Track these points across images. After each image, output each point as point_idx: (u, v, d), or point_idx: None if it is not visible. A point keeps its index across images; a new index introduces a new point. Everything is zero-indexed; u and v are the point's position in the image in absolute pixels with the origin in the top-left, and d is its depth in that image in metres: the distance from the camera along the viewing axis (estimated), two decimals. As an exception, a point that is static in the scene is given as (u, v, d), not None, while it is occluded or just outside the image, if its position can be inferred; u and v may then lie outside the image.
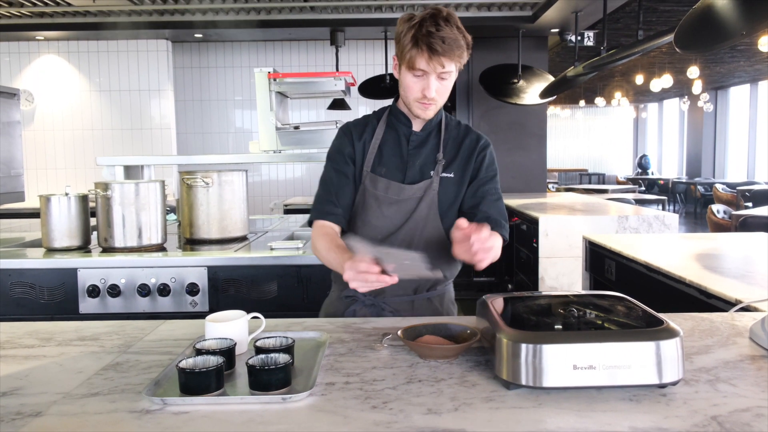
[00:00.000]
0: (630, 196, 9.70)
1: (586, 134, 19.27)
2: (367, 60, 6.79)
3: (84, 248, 2.57)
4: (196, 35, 6.36)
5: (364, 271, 1.31)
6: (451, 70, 1.55)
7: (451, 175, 1.67)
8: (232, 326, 1.33)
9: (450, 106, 7.35)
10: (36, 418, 1.02)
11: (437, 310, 1.76)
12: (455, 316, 1.81)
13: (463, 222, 1.40)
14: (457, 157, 1.69)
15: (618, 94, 13.42)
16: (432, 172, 1.66)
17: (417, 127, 1.70)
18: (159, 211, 2.56)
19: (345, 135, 1.73)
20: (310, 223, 1.73)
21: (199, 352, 1.19)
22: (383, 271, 1.32)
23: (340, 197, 1.68)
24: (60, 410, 1.05)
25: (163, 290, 2.37)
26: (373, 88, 6.22)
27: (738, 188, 11.22)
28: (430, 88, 1.55)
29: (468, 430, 0.95)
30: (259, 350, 1.22)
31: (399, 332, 1.32)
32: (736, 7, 2.32)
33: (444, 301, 1.80)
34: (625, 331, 1.16)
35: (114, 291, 2.36)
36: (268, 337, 1.28)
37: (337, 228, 1.68)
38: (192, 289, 2.37)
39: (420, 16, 1.52)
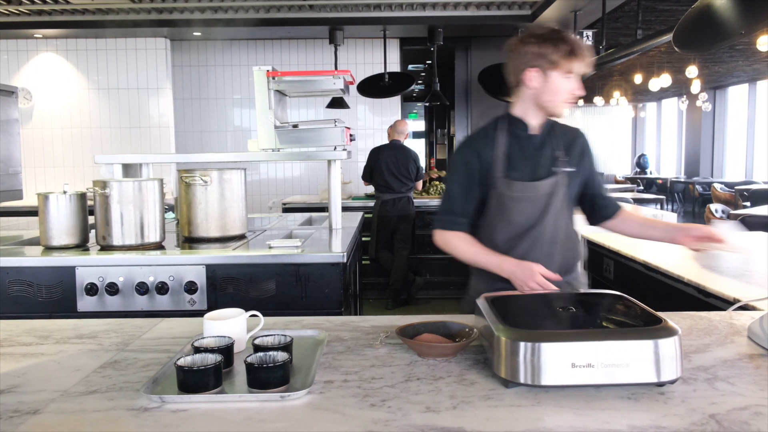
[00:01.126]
0: (628, 195, 9.68)
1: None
2: (366, 59, 6.79)
3: (82, 246, 2.57)
4: (195, 33, 6.35)
5: (541, 280, 1.65)
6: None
7: (573, 169, 1.86)
8: (231, 324, 1.33)
9: (449, 105, 7.35)
10: (34, 415, 1.02)
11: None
12: None
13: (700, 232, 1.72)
14: (572, 153, 1.88)
15: (616, 94, 13.41)
16: (556, 168, 1.84)
17: (534, 130, 1.86)
18: (157, 209, 2.55)
19: (470, 149, 1.89)
20: (435, 230, 1.93)
21: (197, 350, 1.19)
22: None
23: (464, 209, 1.88)
24: (58, 408, 1.05)
25: (162, 288, 2.36)
26: (371, 86, 6.22)
27: (736, 187, 11.23)
28: (581, 86, 1.79)
29: (466, 428, 0.95)
30: (257, 348, 1.22)
31: (397, 330, 1.32)
32: (735, 7, 2.32)
33: (579, 285, 1.98)
34: (623, 330, 1.16)
35: (112, 289, 2.35)
36: (266, 335, 1.28)
37: (464, 234, 1.89)
38: (190, 288, 2.37)
39: (561, 34, 1.76)
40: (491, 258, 1.80)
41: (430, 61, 9.32)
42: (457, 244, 1.87)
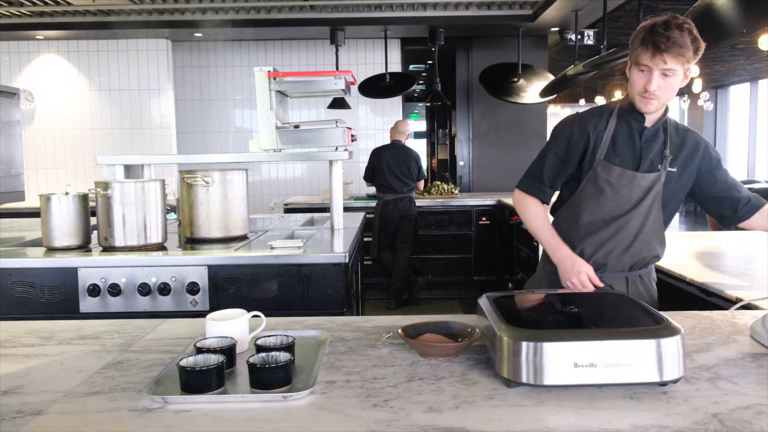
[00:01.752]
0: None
1: (586, 133, 19.21)
2: (367, 59, 6.79)
3: (84, 247, 2.57)
4: (196, 34, 6.35)
5: (584, 280, 1.73)
6: (675, 68, 1.67)
7: (675, 170, 1.83)
8: (233, 325, 1.33)
9: (450, 105, 7.35)
10: (37, 416, 1.02)
11: (647, 287, 1.95)
12: (655, 293, 1.98)
13: None
14: (681, 155, 1.84)
15: (618, 93, 13.41)
16: (660, 166, 1.82)
17: (649, 123, 1.83)
18: (159, 210, 2.55)
19: (579, 124, 1.87)
20: (517, 188, 2.00)
21: (199, 350, 1.19)
22: None
23: (553, 179, 1.90)
24: (61, 409, 1.05)
25: (164, 289, 2.36)
26: (373, 87, 6.22)
27: (738, 187, 11.20)
28: (651, 82, 1.69)
29: (469, 428, 0.95)
30: (259, 349, 1.22)
31: (399, 330, 1.32)
32: (736, 6, 2.32)
33: (651, 278, 1.98)
34: (625, 329, 1.16)
35: (114, 290, 2.36)
36: (268, 336, 1.28)
37: (542, 205, 1.94)
38: (192, 288, 2.37)
39: (654, 20, 1.69)
40: (551, 239, 1.85)
41: (431, 62, 9.32)
42: (531, 210, 1.92)
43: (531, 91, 6.04)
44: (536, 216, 1.92)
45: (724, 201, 1.89)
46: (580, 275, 1.75)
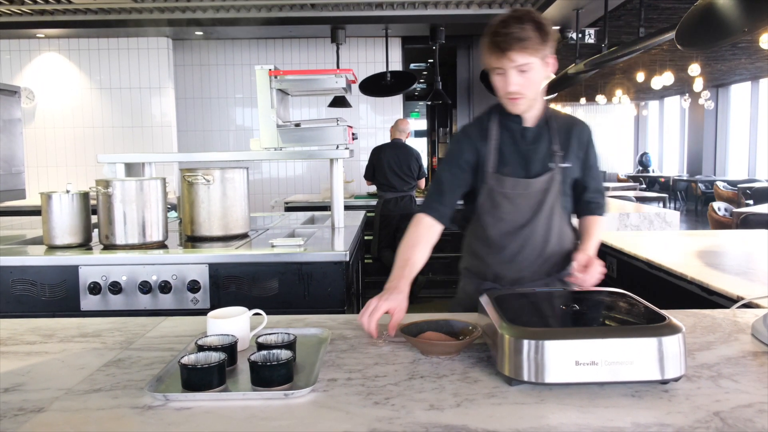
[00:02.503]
0: (631, 193, 9.69)
1: (586, 132, 19.20)
2: (368, 57, 6.78)
3: (85, 245, 2.57)
4: (197, 33, 6.35)
5: (367, 325, 1.42)
6: (526, 62, 1.61)
7: (570, 165, 1.77)
8: (234, 323, 1.33)
9: (451, 103, 7.34)
10: (38, 413, 1.02)
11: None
12: None
13: (578, 259, 1.65)
14: (570, 147, 1.78)
15: (619, 92, 13.40)
16: (552, 164, 1.75)
17: (529, 122, 1.78)
18: (160, 208, 2.56)
19: (466, 140, 1.81)
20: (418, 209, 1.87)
21: (201, 348, 1.19)
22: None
23: (448, 197, 1.80)
24: (62, 406, 1.05)
25: (165, 287, 2.37)
26: (374, 85, 6.22)
27: (739, 186, 11.21)
28: (509, 83, 1.63)
29: (470, 425, 0.95)
30: (260, 346, 1.22)
31: (399, 328, 1.32)
32: (738, 5, 2.32)
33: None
34: (627, 328, 1.16)
35: (115, 288, 2.36)
36: (269, 334, 1.28)
37: (437, 224, 1.78)
38: (193, 287, 2.37)
39: (496, 19, 1.66)
40: (398, 269, 1.66)
41: (432, 60, 9.31)
42: (413, 231, 1.76)
43: (532, 89, 6.02)
44: (409, 240, 1.73)
45: (586, 197, 1.84)
46: (364, 317, 1.42)
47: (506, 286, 1.80)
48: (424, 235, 1.75)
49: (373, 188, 5.82)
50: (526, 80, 1.64)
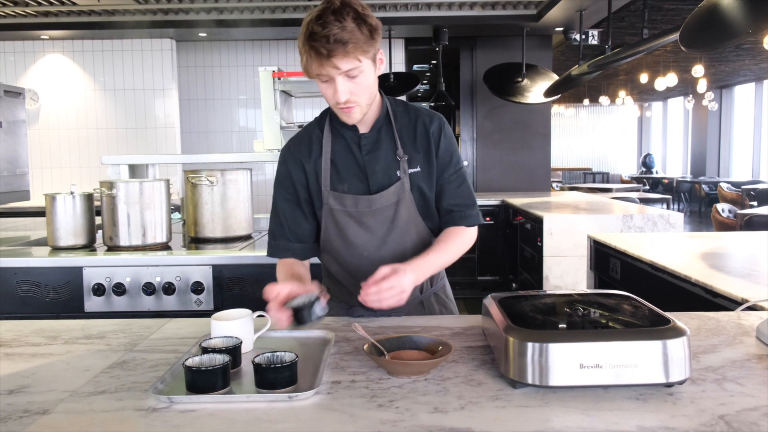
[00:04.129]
0: (634, 195, 9.68)
1: (590, 133, 19.23)
2: (371, 59, 6.79)
3: (89, 247, 2.58)
4: (201, 34, 6.36)
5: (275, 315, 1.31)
6: (354, 66, 1.36)
7: (418, 170, 1.54)
8: (238, 324, 1.33)
9: (454, 105, 7.34)
10: (43, 416, 1.02)
11: (444, 303, 1.77)
12: (455, 308, 1.83)
13: (377, 272, 1.35)
14: (416, 149, 1.55)
15: (622, 93, 13.39)
16: (398, 172, 1.53)
17: (364, 128, 1.54)
18: (164, 209, 2.56)
19: (291, 158, 1.58)
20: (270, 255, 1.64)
21: (205, 350, 1.19)
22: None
23: (295, 230, 1.58)
24: (67, 408, 1.05)
25: (168, 289, 2.37)
26: (376, 86, 6.22)
27: (743, 187, 11.18)
28: (338, 92, 1.39)
29: (474, 428, 0.95)
30: (264, 348, 1.22)
31: (365, 347, 1.21)
32: (742, 6, 2.31)
33: (447, 293, 1.80)
34: (631, 330, 1.15)
35: (119, 289, 2.36)
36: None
37: (298, 263, 1.60)
38: (197, 288, 2.38)
39: (311, 16, 1.35)
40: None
41: (435, 61, 9.31)
42: (278, 276, 1.54)
43: (535, 91, 6.03)
44: (279, 276, 1.56)
45: (443, 207, 1.59)
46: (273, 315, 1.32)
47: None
48: (293, 275, 1.52)
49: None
50: (357, 86, 1.40)
